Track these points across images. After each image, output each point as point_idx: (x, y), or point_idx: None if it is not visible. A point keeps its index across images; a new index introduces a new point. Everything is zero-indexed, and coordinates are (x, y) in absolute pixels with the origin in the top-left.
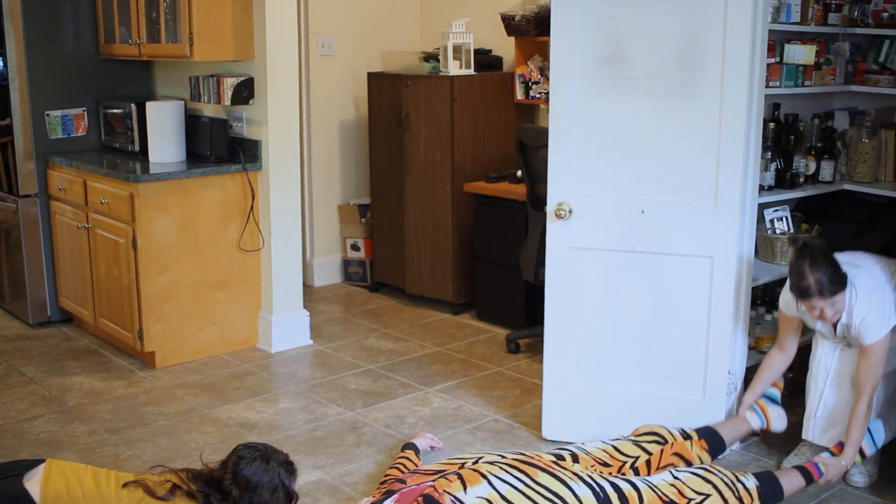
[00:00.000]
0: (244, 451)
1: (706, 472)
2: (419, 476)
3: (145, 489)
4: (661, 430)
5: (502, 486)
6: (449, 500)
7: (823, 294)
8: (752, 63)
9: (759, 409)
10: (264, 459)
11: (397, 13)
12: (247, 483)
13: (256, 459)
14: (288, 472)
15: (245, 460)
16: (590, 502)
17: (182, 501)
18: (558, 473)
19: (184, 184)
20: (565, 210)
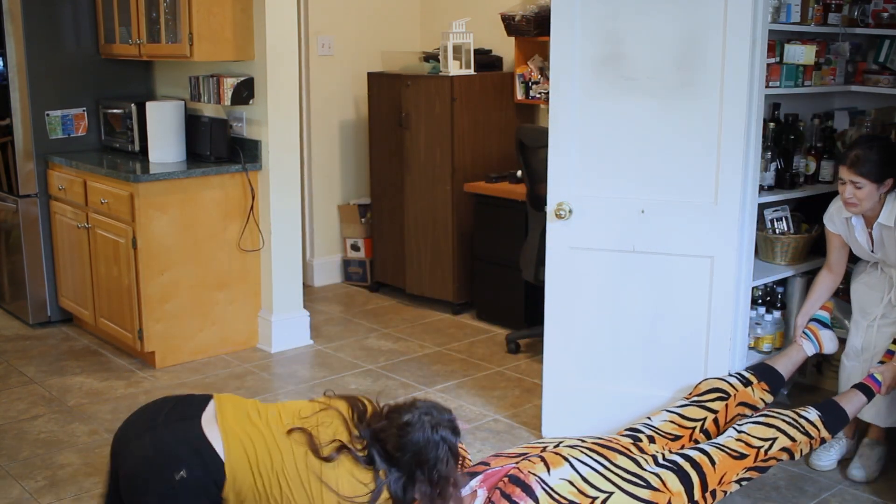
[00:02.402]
0: (411, 416)
1: (766, 418)
2: (501, 459)
3: (310, 444)
4: (720, 385)
5: (583, 468)
6: (534, 480)
7: (855, 167)
8: (752, 63)
9: (811, 334)
10: (433, 426)
11: (397, 13)
12: (415, 451)
13: (425, 426)
14: (454, 433)
15: (412, 427)
16: (668, 477)
17: (346, 463)
18: (636, 456)
19: (184, 184)
20: (565, 210)
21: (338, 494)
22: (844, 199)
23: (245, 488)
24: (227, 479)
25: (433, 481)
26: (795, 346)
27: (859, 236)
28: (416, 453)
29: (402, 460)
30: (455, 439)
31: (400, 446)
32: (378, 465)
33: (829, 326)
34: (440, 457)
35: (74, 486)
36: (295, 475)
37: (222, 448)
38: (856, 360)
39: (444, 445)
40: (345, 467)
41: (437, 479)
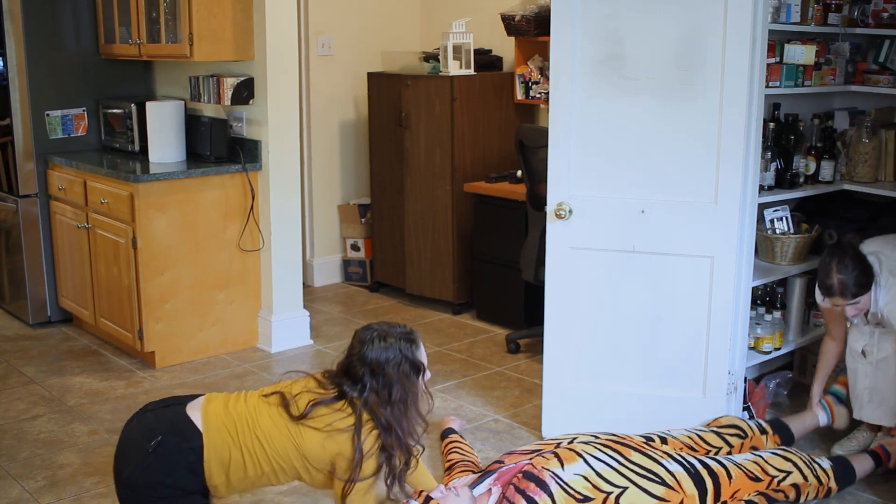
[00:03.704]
0: (363, 335)
1: (785, 453)
2: (515, 456)
3: (282, 401)
4: (740, 423)
5: (597, 464)
6: (548, 475)
7: (845, 295)
8: (752, 63)
9: (828, 406)
10: (382, 338)
11: (397, 13)
12: (375, 364)
13: (375, 339)
14: (409, 342)
15: (366, 344)
16: (682, 477)
17: (322, 415)
18: (650, 452)
19: (184, 184)
20: (565, 210)
21: (319, 431)
22: (849, 317)
23: (226, 453)
24: (206, 445)
25: (390, 387)
26: (811, 414)
27: (853, 318)
28: (371, 365)
29: (363, 379)
30: (409, 348)
31: (359, 364)
32: (349, 396)
33: (844, 403)
34: (391, 359)
35: (74, 486)
36: (273, 430)
37: (201, 422)
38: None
39: (398, 353)
40: (320, 413)
41: (393, 385)
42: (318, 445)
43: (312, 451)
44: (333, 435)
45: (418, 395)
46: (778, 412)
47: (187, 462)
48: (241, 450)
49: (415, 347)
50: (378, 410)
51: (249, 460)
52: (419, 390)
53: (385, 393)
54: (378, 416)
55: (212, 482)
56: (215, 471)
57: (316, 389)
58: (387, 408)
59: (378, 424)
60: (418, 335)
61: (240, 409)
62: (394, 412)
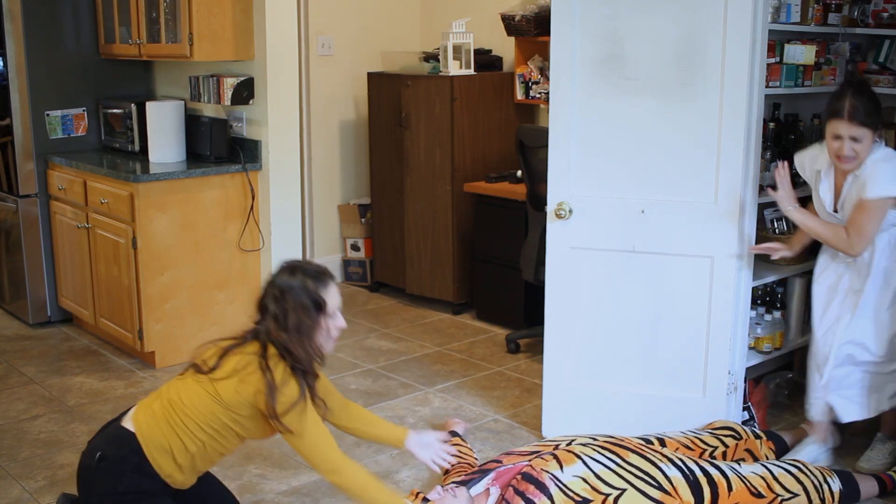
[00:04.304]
0: (278, 267)
1: (799, 472)
2: (514, 457)
3: (195, 369)
4: (734, 426)
5: (596, 465)
6: (547, 477)
7: (853, 119)
8: (752, 63)
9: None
10: (291, 269)
11: (397, 13)
12: (280, 291)
13: (285, 270)
14: (316, 279)
15: (276, 274)
16: (680, 484)
17: (233, 361)
18: (648, 455)
19: (184, 184)
20: (565, 210)
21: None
22: (841, 155)
23: (164, 441)
24: (142, 442)
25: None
26: (801, 431)
27: (824, 195)
28: (275, 293)
29: (267, 306)
30: (315, 283)
31: (267, 292)
32: (257, 329)
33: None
34: (293, 288)
35: (74, 486)
36: (194, 397)
37: (132, 425)
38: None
39: (300, 285)
40: (228, 361)
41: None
42: (233, 391)
43: (232, 399)
44: (244, 376)
45: (315, 331)
46: (778, 412)
47: (132, 465)
48: (176, 431)
49: (321, 285)
50: (276, 335)
51: (187, 438)
52: (318, 326)
53: (282, 320)
54: (276, 340)
55: (164, 473)
56: (162, 462)
57: (225, 343)
58: (282, 334)
59: (278, 350)
60: (333, 278)
61: (162, 397)
62: (290, 339)
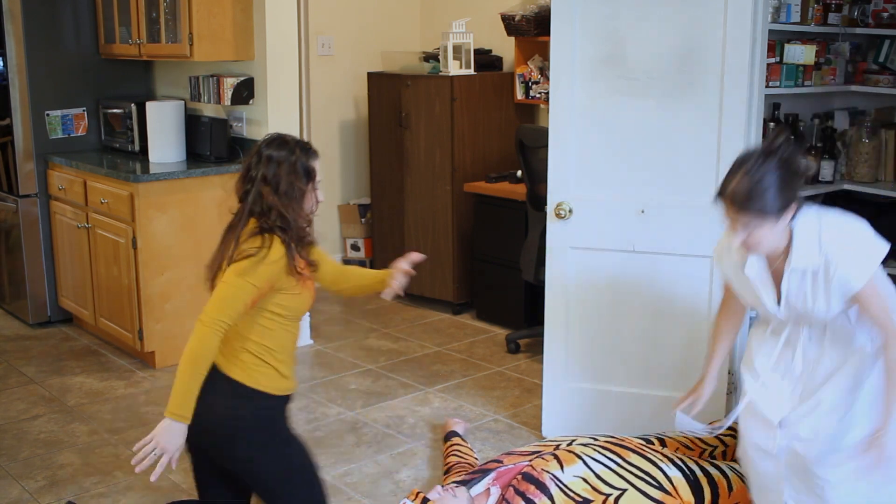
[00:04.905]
0: (265, 139)
1: None
2: (514, 457)
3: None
4: (734, 425)
5: (596, 465)
6: (548, 477)
7: (735, 204)
8: (752, 63)
9: None
10: (281, 141)
11: (397, 13)
12: (269, 160)
13: (274, 141)
14: (304, 150)
15: (265, 143)
16: (680, 484)
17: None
18: (649, 455)
19: (184, 184)
20: (565, 210)
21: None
22: (747, 249)
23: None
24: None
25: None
26: None
27: (760, 291)
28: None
29: (257, 172)
30: (304, 154)
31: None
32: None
33: None
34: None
35: (74, 486)
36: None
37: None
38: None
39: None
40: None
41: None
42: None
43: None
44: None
45: (304, 196)
46: None
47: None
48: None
49: (310, 156)
50: (267, 197)
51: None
52: (307, 191)
53: (275, 183)
54: (263, 198)
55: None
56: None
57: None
58: (272, 196)
59: (262, 209)
60: (318, 153)
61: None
62: (281, 201)
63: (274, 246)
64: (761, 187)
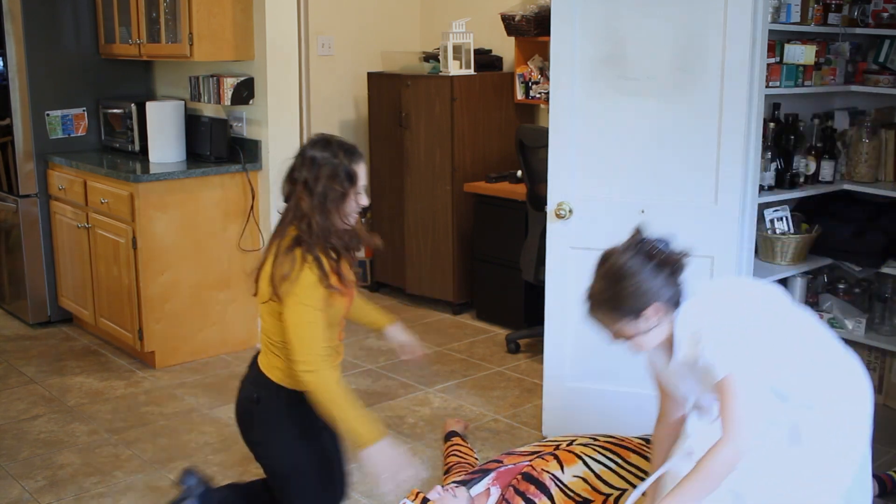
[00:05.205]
0: (310, 139)
1: None
2: (514, 457)
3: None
4: None
5: (597, 465)
6: (548, 477)
7: (593, 306)
8: (752, 63)
9: None
10: (325, 142)
11: (397, 13)
12: (312, 161)
13: (318, 143)
14: (347, 152)
15: (309, 144)
16: None
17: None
18: (649, 455)
19: (184, 184)
20: (565, 210)
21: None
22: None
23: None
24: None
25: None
26: None
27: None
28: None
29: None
30: (346, 156)
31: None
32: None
33: None
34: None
35: (74, 486)
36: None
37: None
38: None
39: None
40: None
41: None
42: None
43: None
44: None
45: (343, 200)
46: None
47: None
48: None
49: (353, 160)
50: (302, 201)
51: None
52: (346, 198)
53: (312, 185)
54: (300, 204)
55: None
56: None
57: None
58: (308, 199)
59: (298, 215)
60: (362, 156)
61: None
62: (317, 206)
63: (306, 268)
64: (615, 290)
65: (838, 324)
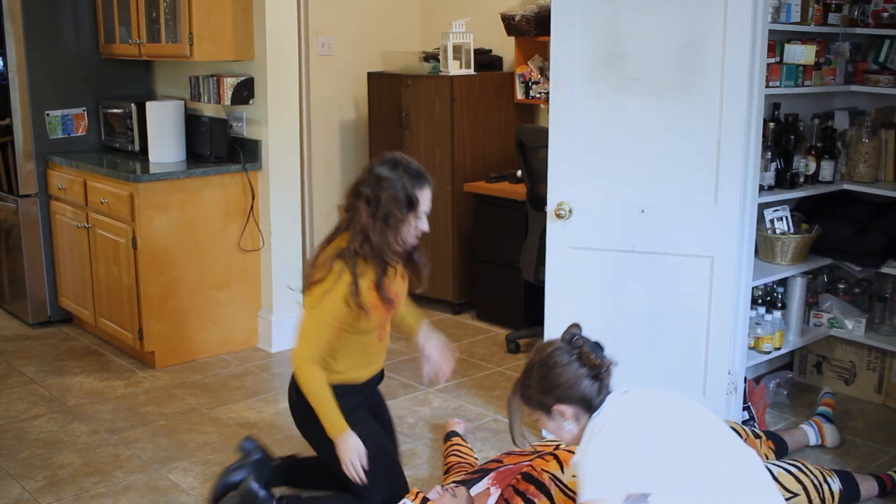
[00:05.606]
0: (381, 157)
1: (799, 472)
2: (514, 457)
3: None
4: (735, 426)
5: None
6: (548, 477)
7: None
8: (752, 63)
9: (816, 426)
10: (393, 163)
11: (397, 13)
12: (377, 179)
13: (387, 162)
14: (414, 177)
15: (378, 162)
16: None
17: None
18: None
19: (184, 184)
20: (565, 210)
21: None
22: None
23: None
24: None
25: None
26: (801, 431)
27: None
28: (372, 180)
29: (363, 190)
30: (411, 181)
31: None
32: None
33: (832, 421)
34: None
35: (74, 486)
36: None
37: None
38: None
39: (398, 179)
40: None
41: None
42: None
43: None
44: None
45: (401, 224)
46: (778, 412)
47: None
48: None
49: (417, 184)
50: (361, 216)
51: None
52: (405, 220)
53: (374, 205)
54: (358, 221)
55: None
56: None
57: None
58: (368, 216)
59: (354, 228)
60: (430, 181)
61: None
62: (374, 225)
63: (337, 286)
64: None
65: (838, 324)
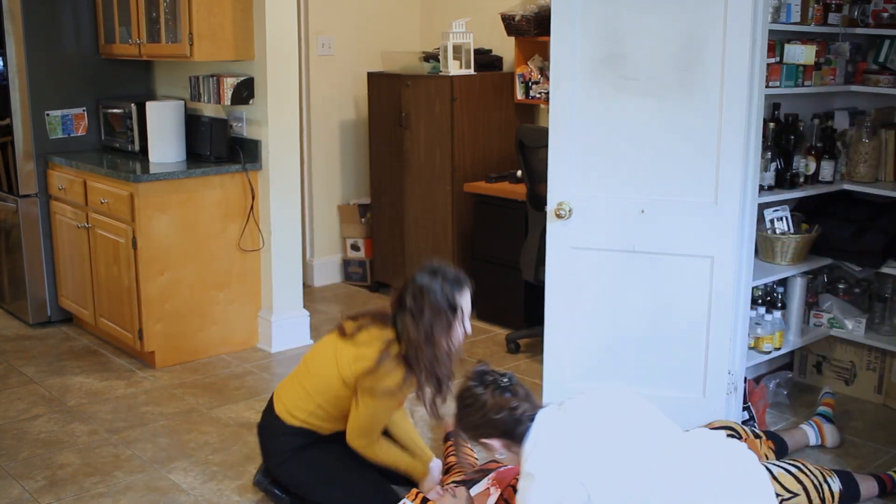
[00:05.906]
0: (422, 265)
1: (799, 472)
2: None
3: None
4: (733, 425)
5: None
6: None
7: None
8: (752, 63)
9: (816, 426)
10: (433, 271)
11: (397, 13)
12: (418, 290)
13: (426, 271)
14: (454, 284)
15: (418, 270)
16: None
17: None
18: None
19: (184, 184)
20: (565, 210)
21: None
22: None
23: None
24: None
25: (422, 312)
26: (801, 431)
27: None
28: (414, 290)
29: (406, 301)
30: (452, 288)
31: (408, 287)
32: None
33: (832, 421)
34: (432, 290)
35: (74, 486)
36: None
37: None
38: None
39: (439, 287)
40: (364, 334)
41: (425, 311)
42: (351, 357)
43: (345, 362)
44: (365, 349)
45: (446, 330)
46: (778, 412)
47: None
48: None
49: (458, 290)
50: (408, 329)
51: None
52: (450, 327)
53: (418, 316)
54: (406, 333)
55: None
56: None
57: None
58: (414, 329)
59: (403, 335)
60: (469, 284)
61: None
62: (419, 335)
63: (403, 391)
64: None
65: (838, 324)
